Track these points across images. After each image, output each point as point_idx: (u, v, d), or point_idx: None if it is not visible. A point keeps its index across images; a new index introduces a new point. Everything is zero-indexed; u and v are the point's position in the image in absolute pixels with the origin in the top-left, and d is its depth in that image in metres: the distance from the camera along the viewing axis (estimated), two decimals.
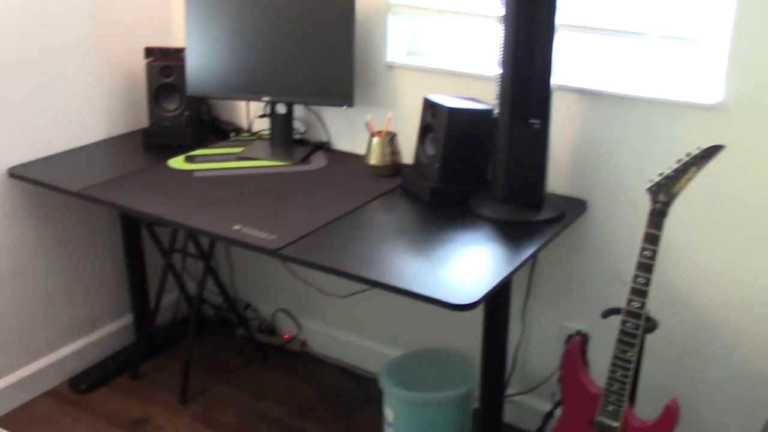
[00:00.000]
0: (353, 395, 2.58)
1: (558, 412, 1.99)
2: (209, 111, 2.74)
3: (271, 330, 2.89)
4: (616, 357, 1.77)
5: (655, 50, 1.98)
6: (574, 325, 2.21)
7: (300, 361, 2.77)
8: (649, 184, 1.71)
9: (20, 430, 2.38)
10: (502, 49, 1.86)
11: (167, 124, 2.51)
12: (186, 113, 2.51)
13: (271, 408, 2.51)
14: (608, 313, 1.81)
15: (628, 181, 2.02)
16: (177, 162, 2.35)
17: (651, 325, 1.74)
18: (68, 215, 2.53)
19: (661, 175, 1.70)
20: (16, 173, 2.27)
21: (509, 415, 2.42)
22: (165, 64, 2.48)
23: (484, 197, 2.02)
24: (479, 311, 1.92)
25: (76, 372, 2.64)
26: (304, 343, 2.82)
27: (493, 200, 1.99)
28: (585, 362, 1.89)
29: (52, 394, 2.56)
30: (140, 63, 2.55)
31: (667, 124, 1.93)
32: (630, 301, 1.74)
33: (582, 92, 2.02)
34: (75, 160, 2.38)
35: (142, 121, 2.67)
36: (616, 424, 1.80)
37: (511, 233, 1.88)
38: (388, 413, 2.10)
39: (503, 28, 1.84)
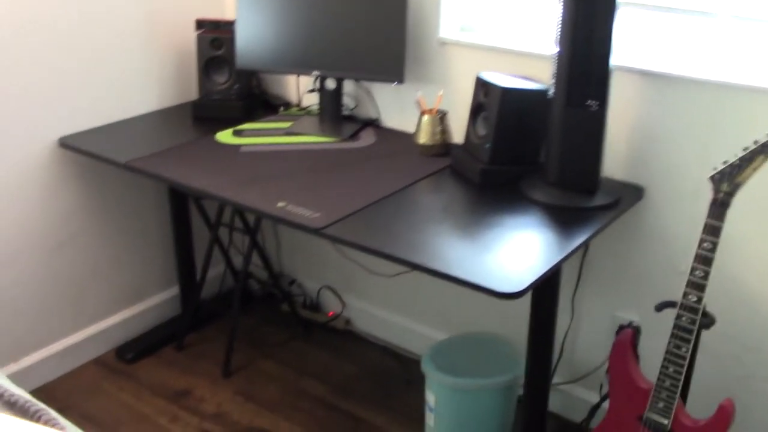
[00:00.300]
0: (396, 376, 2.55)
1: (605, 404, 1.92)
2: (259, 85, 2.71)
3: (315, 307, 2.87)
4: (669, 352, 1.70)
5: (724, 30, 1.87)
6: (627, 316, 2.13)
7: (344, 339, 2.75)
8: (712, 172, 1.62)
9: (66, 397, 2.42)
10: (559, 26, 1.77)
11: (217, 97, 2.49)
12: (236, 86, 2.48)
13: (313, 385, 2.50)
14: (663, 306, 1.73)
15: (689, 168, 1.92)
16: (225, 136, 2.33)
17: (708, 321, 1.65)
18: (118, 186, 2.55)
19: (725, 163, 1.60)
20: (66, 143, 2.28)
21: (555, 404, 2.36)
22: (215, 36, 2.45)
23: (536, 181, 1.95)
24: (527, 297, 1.87)
25: (122, 341, 2.67)
26: (348, 322, 2.80)
27: (545, 184, 1.92)
28: (636, 355, 1.81)
29: (99, 362, 2.60)
30: (191, 35, 2.52)
31: (735, 109, 1.82)
32: (686, 294, 1.66)
33: (644, 74, 1.92)
34: (125, 131, 2.38)
35: (193, 93, 2.66)
36: (666, 422, 1.73)
37: (563, 219, 1.81)
38: (430, 398, 2.06)
39: (562, 4, 1.75)
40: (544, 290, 1.86)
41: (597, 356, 2.24)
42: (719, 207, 1.61)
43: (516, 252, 1.65)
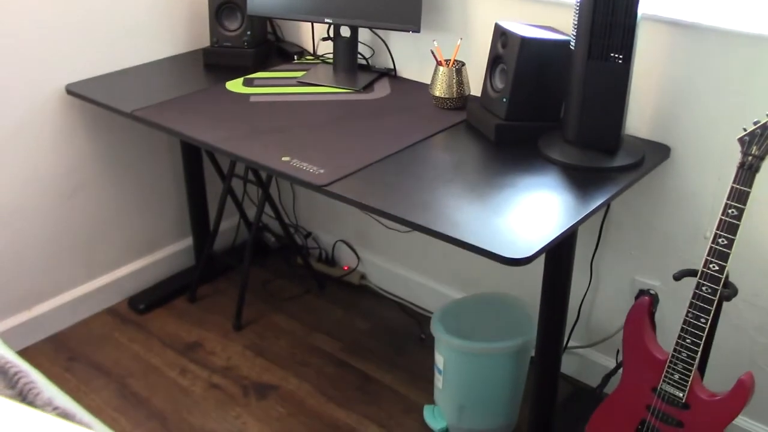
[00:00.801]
0: (409, 333, 2.50)
1: (621, 372, 1.85)
2: (274, 32, 2.62)
3: (331, 261, 2.83)
4: (687, 322, 1.61)
5: None
6: (648, 281, 2.04)
7: (358, 294, 2.71)
8: (742, 133, 1.50)
9: (77, 346, 2.42)
10: None
11: (228, 44, 2.41)
12: (248, 33, 2.40)
13: (324, 341, 2.46)
14: (682, 274, 1.64)
15: (719, 128, 1.80)
16: (234, 85, 2.25)
17: (729, 292, 1.56)
18: (128, 135, 2.50)
19: (756, 123, 1.49)
20: (73, 90, 2.22)
21: (570, 367, 2.30)
22: None
23: (554, 138, 1.84)
24: (541, 259, 1.79)
25: (135, 291, 2.66)
26: (363, 277, 2.75)
27: (563, 142, 1.81)
28: (652, 324, 1.73)
29: (111, 311, 2.59)
30: None
31: None
32: (708, 262, 1.56)
33: (674, 24, 1.79)
34: (134, 78, 2.32)
35: (206, 40, 2.58)
36: (681, 394, 1.65)
37: (581, 180, 1.71)
38: (439, 360, 2.01)
39: None
40: (559, 253, 1.77)
41: (615, 321, 2.16)
42: (747, 171, 1.50)
43: (527, 215, 1.56)
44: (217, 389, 2.25)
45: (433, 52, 2.12)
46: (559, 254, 1.78)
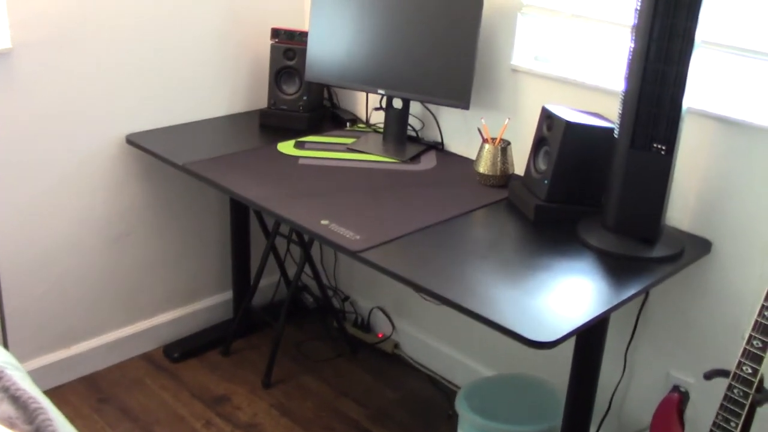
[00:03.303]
0: (437, 408, 2.47)
1: None
2: (330, 99, 2.70)
3: (366, 327, 2.83)
4: (716, 425, 1.56)
5: None
6: (682, 377, 1.98)
7: (390, 363, 2.69)
8: None
9: (109, 388, 2.46)
10: (628, 62, 1.67)
11: (284, 107, 2.49)
12: (304, 98, 2.48)
13: (351, 407, 2.45)
14: (713, 374, 1.59)
15: (762, 225, 1.77)
16: (286, 146, 2.32)
17: (761, 398, 1.51)
18: (180, 186, 2.58)
19: None
20: (132, 140, 2.32)
21: None
22: (289, 46, 2.45)
23: (593, 224, 1.84)
24: (571, 343, 1.77)
25: (171, 340, 2.70)
26: (396, 345, 2.74)
27: (602, 228, 1.81)
28: (681, 423, 1.68)
29: (146, 357, 2.63)
30: (267, 43, 2.54)
31: None
32: (741, 364, 1.52)
33: (720, 120, 1.79)
34: (192, 133, 2.41)
35: (263, 101, 2.67)
36: None
37: (617, 268, 1.70)
38: None
39: (632, 39, 1.65)
40: (589, 338, 1.75)
41: (647, 415, 2.10)
42: None
43: (558, 298, 1.55)
44: None
45: (479, 130, 2.15)
46: (589, 340, 1.76)
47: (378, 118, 2.54)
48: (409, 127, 2.43)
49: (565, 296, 1.56)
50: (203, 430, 2.30)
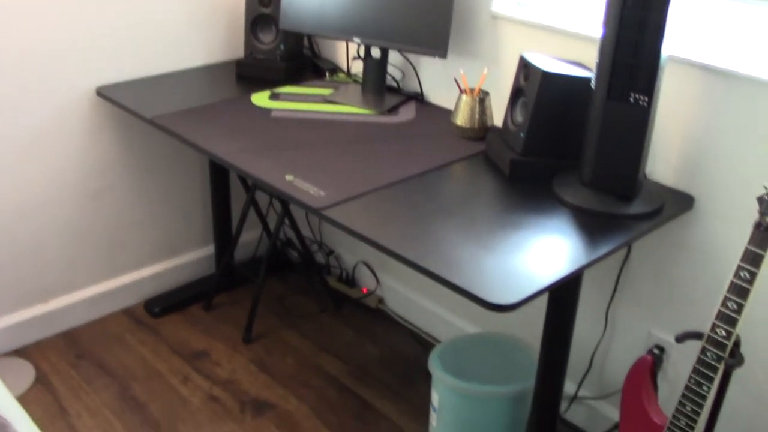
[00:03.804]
0: (418, 364, 2.43)
1: None
2: (311, 47, 2.61)
3: (350, 281, 2.78)
4: (688, 389, 1.50)
5: None
6: (664, 335, 1.93)
7: (373, 318, 2.65)
8: (763, 191, 1.40)
9: (88, 344, 2.44)
10: (606, 6, 1.56)
11: (261, 57, 2.41)
12: (281, 47, 2.39)
13: (331, 363, 2.42)
14: (686, 336, 1.53)
15: (747, 181, 1.68)
16: (260, 98, 2.24)
17: (733, 362, 1.44)
18: (157, 139, 2.52)
19: None
20: (103, 92, 2.25)
21: (579, 417, 2.19)
22: None
23: (570, 179, 1.76)
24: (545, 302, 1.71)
25: (152, 295, 2.67)
26: (381, 301, 2.70)
27: (578, 184, 1.73)
28: (654, 385, 1.62)
29: (127, 312, 2.61)
30: None
31: None
32: (714, 327, 1.45)
33: (706, 69, 1.69)
34: (165, 85, 2.33)
35: (241, 51, 2.58)
36: None
37: (591, 225, 1.62)
38: (434, 397, 1.94)
39: None
40: (562, 298, 1.69)
41: None
42: (764, 233, 1.39)
43: (526, 258, 1.48)
44: (216, 402, 2.23)
45: (456, 80, 2.06)
46: (562, 299, 1.70)
47: (359, 68, 2.45)
48: (390, 78, 2.35)
49: (533, 255, 1.49)
50: (180, 386, 2.28)
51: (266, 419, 2.17)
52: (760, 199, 1.40)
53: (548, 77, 1.74)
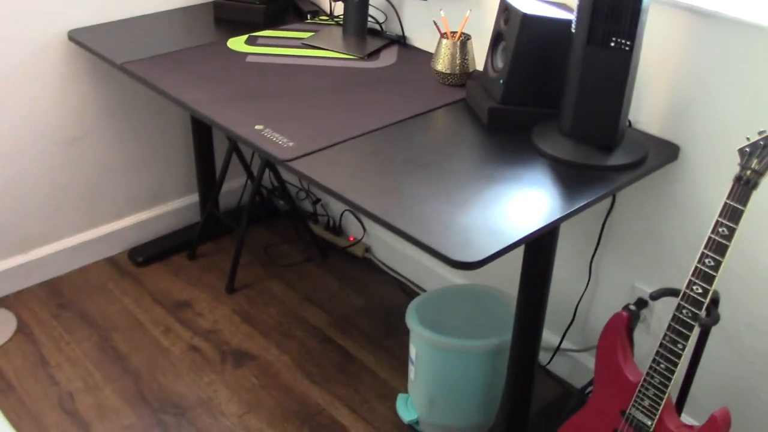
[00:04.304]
0: (403, 315, 2.40)
1: None
2: None
3: (337, 230, 2.74)
4: (663, 346, 1.46)
5: None
6: (647, 288, 1.88)
7: (359, 267, 2.62)
8: (744, 143, 1.33)
9: (70, 293, 2.42)
10: None
11: None
12: None
13: (314, 313, 2.39)
14: (661, 293, 1.48)
15: (734, 130, 1.60)
16: (237, 42, 2.16)
17: (709, 321, 1.39)
18: (136, 85, 2.45)
19: (762, 133, 1.31)
20: (74, 37, 2.18)
21: (562, 369, 2.17)
22: None
23: (550, 128, 1.68)
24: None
25: (136, 243, 2.64)
26: (367, 249, 2.66)
27: (558, 134, 1.65)
28: (630, 342, 1.58)
29: (110, 261, 2.58)
30: None
31: None
32: (691, 283, 1.40)
33: (692, 11, 1.59)
34: (139, 28, 2.25)
35: None
36: (649, 422, 1.51)
37: (568, 177, 1.56)
38: (412, 350, 1.91)
39: None
40: (537, 251, 1.64)
41: None
42: (743, 187, 1.32)
43: (497, 212, 1.43)
44: (196, 352, 2.22)
45: (435, 23, 1.97)
46: (537, 252, 1.64)
47: (341, 10, 2.35)
48: (372, 20, 2.25)
49: (505, 210, 1.43)
50: (161, 337, 2.27)
51: (246, 369, 2.16)
52: (742, 152, 1.33)
53: (528, 20, 1.65)
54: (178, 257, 2.62)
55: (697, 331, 1.42)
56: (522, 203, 1.46)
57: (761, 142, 1.31)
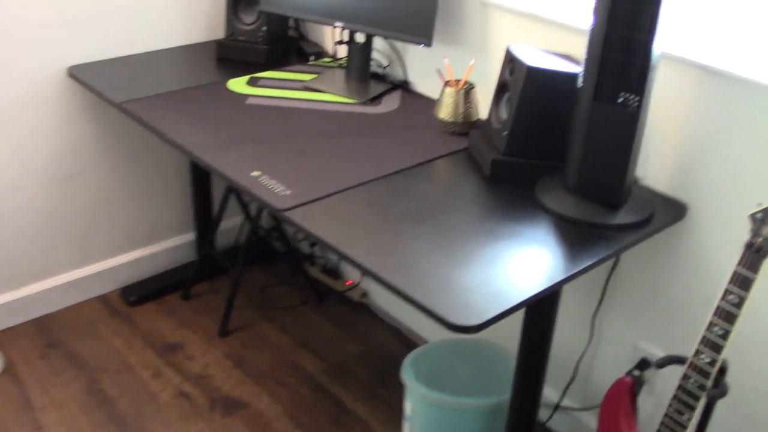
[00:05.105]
0: (399, 364, 2.34)
1: None
2: (298, 29, 2.49)
3: (335, 273, 2.69)
4: (668, 416, 1.40)
5: None
6: (652, 349, 1.82)
7: (356, 312, 2.56)
8: (756, 209, 1.28)
9: (61, 332, 2.36)
10: None
11: (242, 39, 2.29)
12: (264, 28, 2.27)
13: (309, 359, 2.33)
14: (667, 361, 1.42)
15: (744, 191, 1.56)
16: (237, 83, 2.13)
17: (717, 392, 1.34)
18: (134, 122, 2.41)
19: None
20: (74, 73, 2.15)
21: (562, 427, 2.10)
22: None
23: (554, 183, 1.64)
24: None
25: (129, 282, 2.59)
26: (364, 294, 2.60)
27: (562, 189, 1.61)
28: (633, 408, 1.52)
29: (102, 300, 2.53)
30: None
31: None
32: (698, 352, 1.35)
33: (704, 69, 1.56)
34: (141, 66, 2.22)
35: (222, 31, 2.47)
36: None
37: (573, 235, 1.51)
38: (407, 406, 1.84)
39: None
40: (539, 312, 1.59)
41: None
42: (755, 254, 1.28)
43: (498, 272, 1.38)
44: (185, 398, 2.15)
45: (439, 71, 1.94)
46: (539, 313, 1.59)
47: (345, 53, 2.33)
48: (375, 64, 2.23)
49: (507, 270, 1.38)
50: (151, 381, 2.21)
51: (236, 418, 2.09)
52: (753, 217, 1.29)
53: (534, 73, 1.62)
54: (172, 297, 2.57)
55: (704, 401, 1.36)
56: (524, 262, 1.41)
57: None
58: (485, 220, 1.54)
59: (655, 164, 1.70)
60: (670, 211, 1.64)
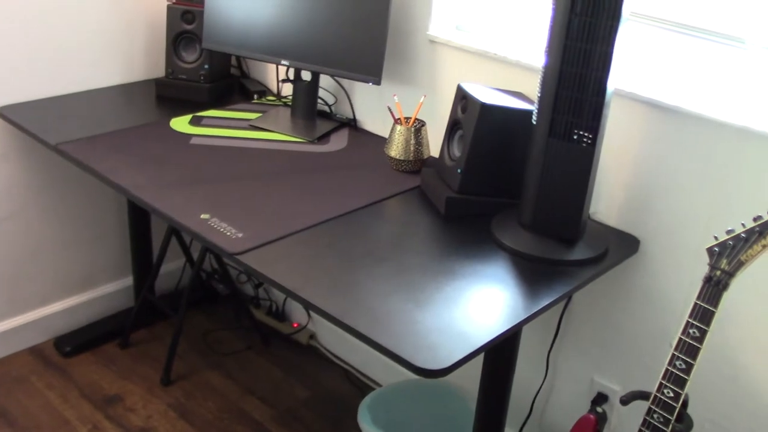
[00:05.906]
0: (351, 407, 2.28)
1: None
2: (240, 67, 2.44)
3: (280, 315, 2.62)
4: None
5: (754, 63, 1.52)
6: (608, 383, 1.82)
7: (304, 356, 2.49)
8: (712, 242, 1.30)
9: None
10: (548, 36, 1.45)
11: (183, 77, 2.23)
12: (206, 67, 2.22)
13: (256, 407, 2.24)
14: (631, 397, 1.42)
15: (696, 224, 1.58)
16: (180, 123, 2.07)
17: (682, 427, 1.33)
18: (68, 163, 2.31)
19: (730, 233, 1.28)
20: (5, 114, 2.05)
21: None
22: (187, 8, 2.18)
23: (510, 220, 1.64)
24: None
25: (64, 331, 2.45)
26: (312, 336, 2.54)
27: (518, 226, 1.61)
28: None
29: (34, 351, 2.39)
30: (165, 4, 2.26)
31: (759, 162, 1.48)
32: (661, 387, 1.34)
33: (653, 106, 1.59)
34: (77, 106, 2.13)
35: (162, 69, 2.40)
36: None
37: (531, 272, 1.50)
38: None
39: (552, 9, 1.43)
40: (499, 352, 1.56)
41: (570, 420, 1.93)
42: (714, 287, 1.29)
43: (459, 313, 1.35)
44: None
45: (390, 108, 1.93)
46: (499, 353, 1.57)
47: (290, 90, 2.30)
48: (321, 102, 2.20)
49: (468, 310, 1.36)
50: None
51: None
52: (711, 251, 1.30)
53: (487, 110, 1.62)
54: (109, 346, 2.44)
55: None
56: (486, 302, 1.38)
57: (730, 242, 1.28)
58: (444, 259, 1.51)
59: (607, 199, 1.71)
60: (624, 245, 1.65)
